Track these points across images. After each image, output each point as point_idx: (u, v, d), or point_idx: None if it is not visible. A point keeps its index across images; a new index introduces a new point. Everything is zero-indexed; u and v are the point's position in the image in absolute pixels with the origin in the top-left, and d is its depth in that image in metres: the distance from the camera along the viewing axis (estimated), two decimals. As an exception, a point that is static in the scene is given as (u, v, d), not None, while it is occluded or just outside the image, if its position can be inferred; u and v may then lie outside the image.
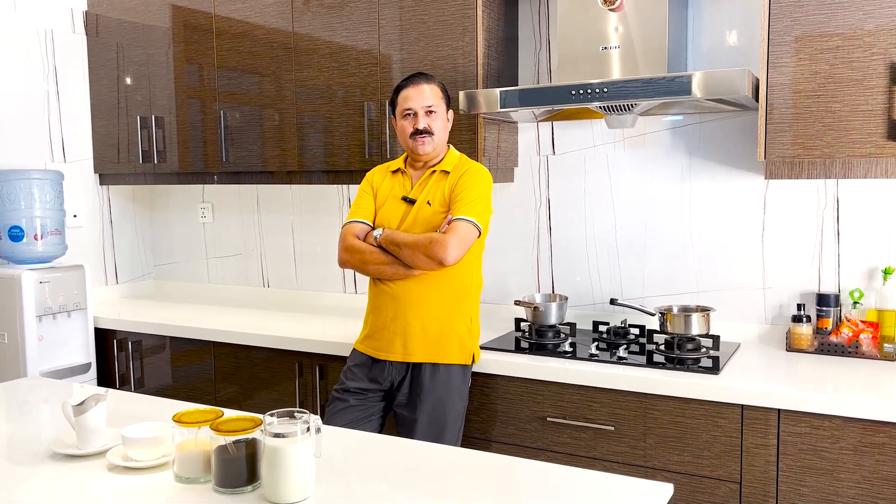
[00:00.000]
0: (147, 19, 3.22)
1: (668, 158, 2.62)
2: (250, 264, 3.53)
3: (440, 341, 2.19)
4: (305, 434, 1.26)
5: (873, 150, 2.05)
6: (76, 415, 1.48)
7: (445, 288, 2.20)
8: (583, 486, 1.36)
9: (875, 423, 1.86)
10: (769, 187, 2.48)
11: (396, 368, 2.23)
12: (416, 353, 2.19)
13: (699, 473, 2.07)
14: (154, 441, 1.41)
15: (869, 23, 2.03)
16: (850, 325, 2.29)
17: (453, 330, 2.20)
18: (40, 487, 1.37)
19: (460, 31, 2.56)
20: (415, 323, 2.19)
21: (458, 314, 2.22)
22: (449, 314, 2.20)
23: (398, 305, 2.21)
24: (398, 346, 2.21)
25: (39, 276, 2.88)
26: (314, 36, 2.84)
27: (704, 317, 2.30)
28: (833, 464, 1.91)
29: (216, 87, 3.08)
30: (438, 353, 2.19)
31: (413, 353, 2.19)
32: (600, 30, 2.38)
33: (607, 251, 2.73)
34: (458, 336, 2.20)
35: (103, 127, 3.41)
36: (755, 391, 1.98)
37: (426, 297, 2.20)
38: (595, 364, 2.24)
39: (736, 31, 2.48)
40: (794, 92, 2.13)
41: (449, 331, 2.20)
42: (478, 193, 2.17)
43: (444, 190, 2.22)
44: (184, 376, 2.96)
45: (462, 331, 2.21)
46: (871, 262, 2.35)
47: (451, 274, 2.19)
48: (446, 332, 2.19)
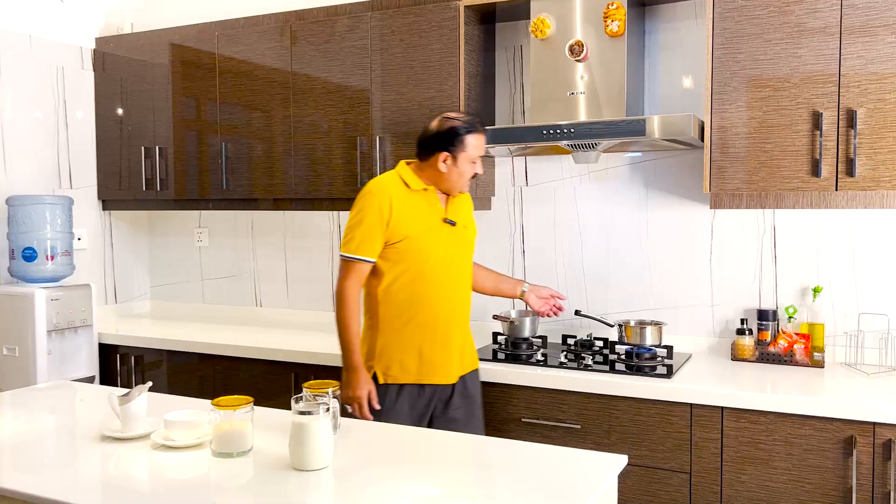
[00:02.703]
0: (152, 58, 3.49)
1: (628, 190, 2.94)
2: (243, 285, 3.77)
3: (473, 350, 2.44)
4: (326, 413, 1.52)
5: (800, 185, 2.39)
6: (121, 404, 1.72)
7: (468, 299, 2.41)
8: (550, 459, 1.63)
9: (802, 418, 2.17)
10: (715, 216, 2.81)
11: (444, 388, 2.32)
12: (466, 364, 2.39)
13: (654, 465, 2.35)
14: (193, 424, 1.66)
15: (795, 76, 2.38)
16: (785, 336, 2.61)
17: (471, 338, 2.45)
18: (95, 464, 1.61)
19: (444, 75, 2.88)
20: (465, 338, 2.38)
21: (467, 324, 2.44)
22: (467, 324, 2.43)
23: (451, 328, 2.30)
24: (455, 366, 2.33)
25: (50, 294, 3.09)
26: (310, 76, 3.13)
27: (658, 329, 2.61)
28: (769, 454, 2.21)
29: (217, 121, 3.34)
30: (473, 361, 2.43)
31: (464, 366, 2.37)
32: (568, 77, 2.71)
33: (574, 272, 3.03)
34: (472, 342, 2.47)
35: (107, 156, 3.65)
36: (702, 392, 2.28)
37: (465, 312, 2.39)
38: (564, 371, 2.52)
39: (687, 76, 2.83)
40: (734, 134, 2.47)
41: (471, 339, 2.44)
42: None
43: (467, 211, 2.41)
44: (182, 389, 3.17)
45: (471, 338, 2.47)
46: (804, 281, 2.69)
47: (469, 286, 2.40)
48: (471, 341, 2.44)
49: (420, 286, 2.25)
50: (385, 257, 2.23)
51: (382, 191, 2.22)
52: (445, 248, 2.28)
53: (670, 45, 2.84)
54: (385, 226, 2.19)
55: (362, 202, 2.23)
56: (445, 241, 2.28)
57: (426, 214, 2.26)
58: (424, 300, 2.25)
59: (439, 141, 2.25)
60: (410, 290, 2.25)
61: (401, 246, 2.21)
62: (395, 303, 2.25)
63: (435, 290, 2.26)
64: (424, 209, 2.27)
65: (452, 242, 2.31)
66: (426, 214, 2.26)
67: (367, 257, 2.21)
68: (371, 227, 2.19)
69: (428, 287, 2.25)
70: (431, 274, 2.25)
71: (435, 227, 2.27)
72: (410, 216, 2.22)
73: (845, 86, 2.32)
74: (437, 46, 2.88)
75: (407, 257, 2.23)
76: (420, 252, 2.23)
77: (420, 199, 2.27)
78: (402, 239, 2.21)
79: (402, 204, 2.22)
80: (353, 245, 2.21)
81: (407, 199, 2.24)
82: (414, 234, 2.22)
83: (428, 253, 2.24)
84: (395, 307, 2.25)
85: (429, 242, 2.24)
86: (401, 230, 2.21)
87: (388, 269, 2.24)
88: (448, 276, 2.29)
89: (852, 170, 2.31)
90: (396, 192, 2.23)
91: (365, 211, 2.21)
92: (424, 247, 2.23)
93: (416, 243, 2.22)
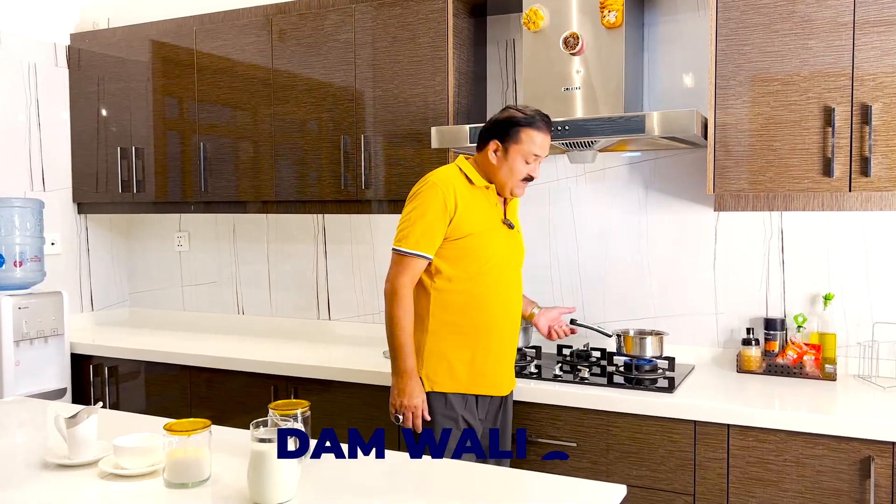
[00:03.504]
0: (129, 54, 3.33)
1: (626, 192, 2.79)
2: (225, 292, 3.61)
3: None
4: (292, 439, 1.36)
5: (810, 185, 2.23)
6: (68, 427, 1.56)
7: (521, 308, 2.26)
8: (543, 488, 1.47)
9: (815, 436, 2.01)
10: (719, 219, 2.66)
11: (494, 400, 2.18)
12: (511, 379, 2.24)
13: (656, 486, 2.19)
14: (144, 450, 1.50)
15: (805, 69, 2.23)
16: (794, 347, 2.46)
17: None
18: (34, 495, 1.45)
19: (432, 70, 2.72)
20: (515, 350, 2.23)
21: None
22: (518, 335, 2.27)
23: (507, 335, 2.16)
24: (507, 377, 2.19)
25: (18, 301, 2.93)
26: (293, 72, 2.98)
27: (658, 340, 2.45)
28: (778, 475, 2.06)
29: (196, 120, 3.19)
30: (513, 378, 2.27)
31: (511, 381, 2.23)
32: (563, 72, 2.56)
33: (570, 278, 2.88)
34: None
35: (83, 157, 3.49)
36: (707, 408, 2.12)
37: (518, 321, 2.23)
38: (559, 384, 2.36)
39: (687, 73, 2.68)
40: (739, 131, 2.31)
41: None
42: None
43: (516, 214, 2.26)
44: (159, 401, 3.02)
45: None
46: (813, 288, 2.53)
47: (521, 293, 2.24)
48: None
49: (478, 288, 2.07)
50: (442, 255, 2.05)
51: (447, 183, 2.04)
52: (505, 250, 2.13)
53: (671, 37, 2.69)
54: (448, 220, 2.02)
55: (425, 194, 2.04)
56: (505, 244, 2.14)
57: (488, 213, 2.11)
58: (482, 303, 2.08)
59: (494, 128, 2.10)
60: (468, 291, 2.07)
61: (462, 243, 2.05)
62: (449, 304, 2.07)
63: (493, 293, 2.10)
64: (486, 207, 2.11)
65: (510, 246, 2.17)
66: (488, 213, 2.11)
67: (426, 253, 2.02)
68: (434, 221, 2.01)
69: (486, 289, 2.08)
70: (490, 276, 2.08)
71: (496, 228, 2.12)
72: (474, 212, 2.07)
73: (859, 79, 2.16)
74: (426, 40, 2.73)
75: (467, 256, 2.06)
76: (481, 251, 2.07)
77: (482, 196, 2.11)
78: (465, 236, 2.04)
79: (466, 199, 2.06)
80: (413, 240, 2.01)
81: (470, 195, 2.08)
82: (477, 231, 2.06)
83: (489, 253, 2.08)
84: (449, 308, 2.07)
85: (490, 242, 2.09)
86: (465, 226, 2.04)
87: (444, 267, 2.06)
88: (506, 280, 2.14)
89: (867, 169, 2.15)
90: (460, 186, 2.07)
91: (428, 204, 2.02)
92: (486, 246, 2.07)
93: (478, 242, 2.06)
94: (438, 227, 2.02)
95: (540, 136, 2.09)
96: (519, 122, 2.07)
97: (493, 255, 2.09)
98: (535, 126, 2.08)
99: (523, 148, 2.07)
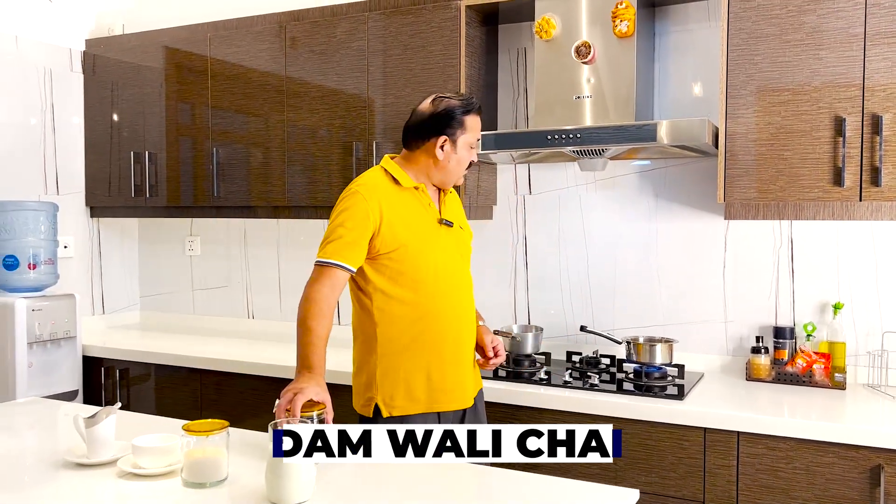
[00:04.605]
0: (143, 60, 3.37)
1: (636, 200, 2.80)
2: (235, 296, 3.63)
3: (478, 368, 2.16)
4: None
5: (821, 195, 2.25)
6: (87, 427, 1.58)
7: (473, 310, 2.13)
8: (556, 492, 1.49)
9: (825, 444, 2.02)
10: (729, 228, 2.67)
11: (456, 413, 2.03)
12: (476, 383, 2.12)
13: (666, 493, 2.20)
14: (163, 450, 1.52)
15: (816, 80, 2.25)
16: (804, 356, 2.46)
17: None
18: (54, 493, 1.47)
19: (444, 78, 2.75)
20: (473, 355, 2.10)
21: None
22: (474, 339, 2.13)
23: (461, 343, 2.03)
24: (469, 386, 2.06)
25: (32, 304, 2.96)
26: (305, 80, 3.01)
27: (668, 347, 2.46)
28: (787, 483, 2.06)
29: (209, 126, 3.22)
30: (479, 378, 2.16)
31: (475, 385, 2.11)
32: (574, 80, 2.58)
33: (580, 286, 2.89)
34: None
35: (96, 161, 3.53)
36: (716, 415, 2.13)
37: (472, 325, 2.08)
38: (569, 390, 2.38)
39: (698, 82, 2.70)
40: (750, 140, 2.33)
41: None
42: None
43: (459, 210, 2.14)
44: (169, 404, 3.04)
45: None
46: (823, 297, 2.54)
47: (471, 295, 2.12)
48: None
49: (423, 298, 1.95)
50: (379, 270, 1.94)
51: (370, 192, 1.92)
52: (445, 253, 2.00)
53: (682, 47, 2.71)
54: (372, 233, 1.90)
55: (346, 202, 1.92)
56: (444, 246, 2.00)
57: (420, 217, 1.98)
58: (429, 315, 1.96)
59: (436, 123, 1.96)
60: (412, 304, 1.94)
61: (396, 255, 1.92)
62: (395, 321, 1.94)
63: (439, 302, 1.97)
64: (418, 211, 1.98)
65: (451, 247, 2.03)
66: (420, 217, 1.98)
67: (345, 264, 1.87)
68: (355, 231, 1.88)
69: (431, 300, 1.96)
70: (434, 285, 1.96)
71: (432, 231, 1.99)
72: (404, 220, 1.94)
73: (870, 90, 2.18)
74: (438, 48, 2.75)
75: (404, 268, 1.93)
76: (419, 260, 1.94)
77: (411, 198, 1.98)
78: (397, 248, 1.92)
79: (394, 207, 1.93)
80: (331, 249, 1.88)
81: (398, 201, 1.95)
82: (411, 240, 1.93)
83: (428, 261, 1.95)
84: (395, 326, 1.95)
85: (427, 249, 1.96)
86: (396, 238, 1.91)
87: (383, 283, 1.94)
88: (451, 285, 2.00)
89: (878, 179, 2.16)
90: (386, 193, 1.94)
91: (349, 213, 1.89)
92: (423, 254, 1.95)
93: (414, 250, 1.94)
94: (361, 238, 1.89)
95: (479, 120, 2.03)
96: (461, 110, 1.98)
97: (433, 261, 1.96)
98: (474, 110, 2.00)
99: (468, 136, 1.99)
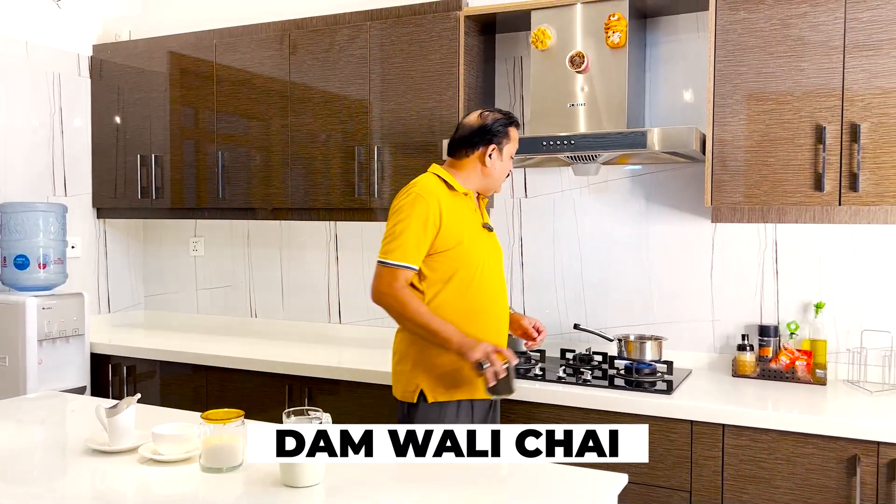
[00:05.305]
0: (149, 65, 3.46)
1: (628, 203, 2.91)
2: (239, 295, 3.73)
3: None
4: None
5: (803, 199, 2.36)
6: (109, 416, 1.68)
7: (508, 309, 2.28)
8: (549, 477, 1.59)
9: (805, 436, 2.13)
10: (716, 230, 2.78)
11: (485, 402, 2.20)
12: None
13: (654, 483, 2.31)
14: (182, 438, 1.62)
15: (798, 89, 2.36)
16: (787, 353, 2.57)
17: None
18: (79, 478, 1.57)
19: (443, 85, 2.85)
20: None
21: None
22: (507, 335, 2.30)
23: (501, 338, 2.18)
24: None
25: (42, 302, 3.05)
26: (308, 85, 3.11)
27: (658, 344, 2.57)
28: (770, 473, 2.17)
29: (214, 130, 3.32)
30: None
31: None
32: (568, 89, 2.68)
33: (573, 286, 3.00)
34: None
35: (103, 164, 3.62)
36: (703, 409, 2.24)
37: (507, 323, 2.25)
38: (563, 386, 2.48)
39: (688, 90, 2.81)
40: (736, 147, 2.44)
41: None
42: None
43: (487, 216, 2.30)
44: (174, 400, 3.13)
45: None
46: (805, 297, 2.65)
47: (506, 296, 2.27)
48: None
49: (472, 296, 2.12)
50: (432, 267, 2.08)
51: (432, 194, 2.07)
52: (489, 255, 2.18)
53: (672, 57, 2.82)
54: (435, 232, 2.05)
55: (410, 207, 2.06)
56: (488, 249, 2.19)
57: (470, 220, 2.16)
58: (474, 310, 2.12)
59: (486, 134, 2.15)
60: (462, 300, 2.10)
61: (452, 254, 2.08)
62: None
63: (483, 299, 2.14)
64: (468, 214, 2.16)
65: (493, 250, 2.22)
66: (470, 220, 2.16)
67: (413, 265, 2.05)
68: (419, 233, 2.04)
69: (479, 297, 2.13)
70: (481, 283, 2.13)
71: (480, 234, 2.17)
72: (458, 222, 2.10)
73: (849, 100, 2.30)
74: (437, 57, 2.86)
75: (457, 266, 2.09)
76: (470, 259, 2.11)
77: (462, 203, 2.16)
78: (454, 246, 2.08)
79: (450, 209, 2.09)
80: (400, 252, 2.04)
81: (452, 204, 2.11)
82: (465, 240, 2.10)
83: (478, 261, 2.12)
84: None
85: (477, 249, 2.13)
86: (453, 236, 2.07)
87: (436, 279, 2.09)
88: (494, 285, 2.19)
89: (856, 184, 2.28)
90: (443, 196, 2.10)
91: (414, 216, 2.04)
92: (474, 254, 2.12)
93: (467, 250, 2.10)
94: (424, 239, 2.05)
95: (517, 132, 2.23)
96: (506, 121, 2.19)
97: (481, 261, 2.14)
98: (516, 123, 2.22)
99: (511, 146, 2.20)
